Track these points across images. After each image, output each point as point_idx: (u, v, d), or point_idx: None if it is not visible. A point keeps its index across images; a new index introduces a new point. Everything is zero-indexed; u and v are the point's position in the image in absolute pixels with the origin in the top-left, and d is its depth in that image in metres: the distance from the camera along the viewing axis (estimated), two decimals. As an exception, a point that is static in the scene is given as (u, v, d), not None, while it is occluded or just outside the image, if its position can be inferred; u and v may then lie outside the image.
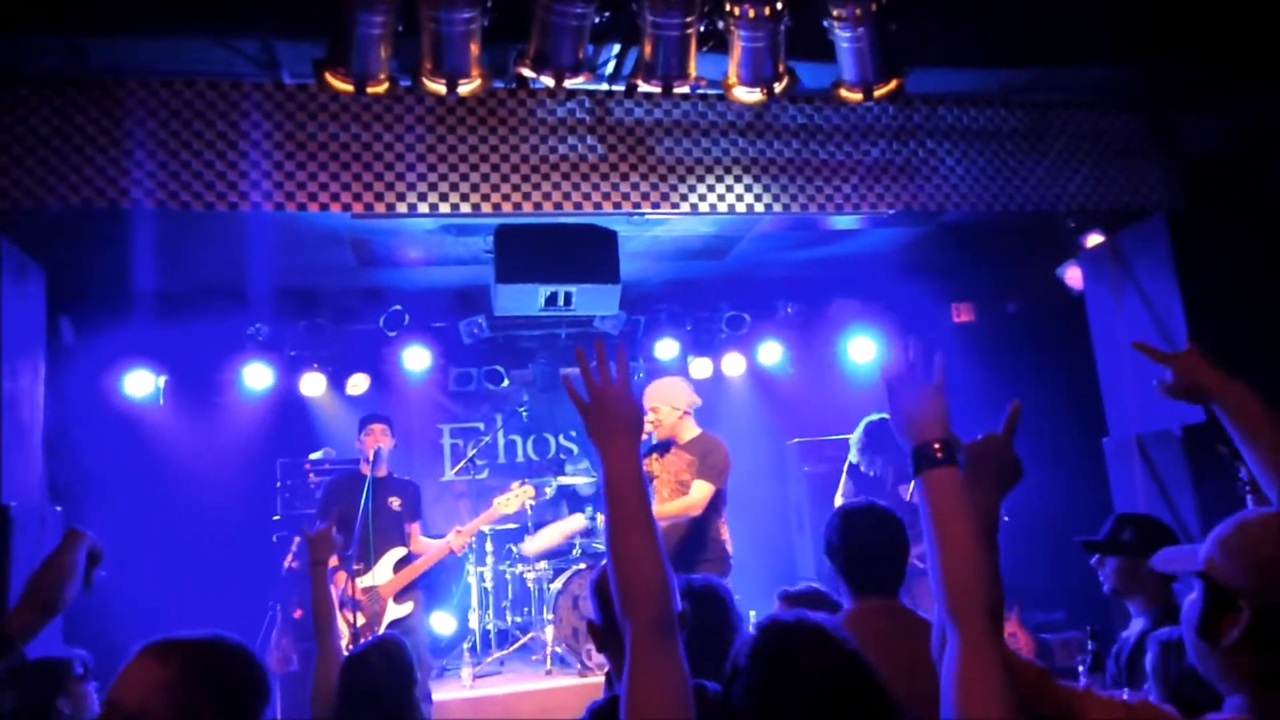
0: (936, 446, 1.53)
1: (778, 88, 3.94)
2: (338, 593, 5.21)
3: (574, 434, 8.56)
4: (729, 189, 4.49)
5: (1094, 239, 5.57)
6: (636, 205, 4.41)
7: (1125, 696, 2.71)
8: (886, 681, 1.33)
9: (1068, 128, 4.99)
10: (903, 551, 2.52)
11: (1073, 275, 6.06)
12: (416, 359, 7.41)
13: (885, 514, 2.56)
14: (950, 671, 1.36)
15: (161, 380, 7.17)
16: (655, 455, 5.12)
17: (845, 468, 5.89)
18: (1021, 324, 7.81)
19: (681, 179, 4.45)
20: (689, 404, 5.18)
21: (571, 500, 7.79)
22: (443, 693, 5.76)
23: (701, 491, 4.91)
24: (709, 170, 4.50)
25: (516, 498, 5.81)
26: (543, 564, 6.81)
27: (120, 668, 1.58)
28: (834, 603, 2.94)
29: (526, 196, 4.29)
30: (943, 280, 7.72)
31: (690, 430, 5.14)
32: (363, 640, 5.04)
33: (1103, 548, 3.03)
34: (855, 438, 5.80)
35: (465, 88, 3.78)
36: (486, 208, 4.23)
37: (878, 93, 3.94)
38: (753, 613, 6.35)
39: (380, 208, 4.13)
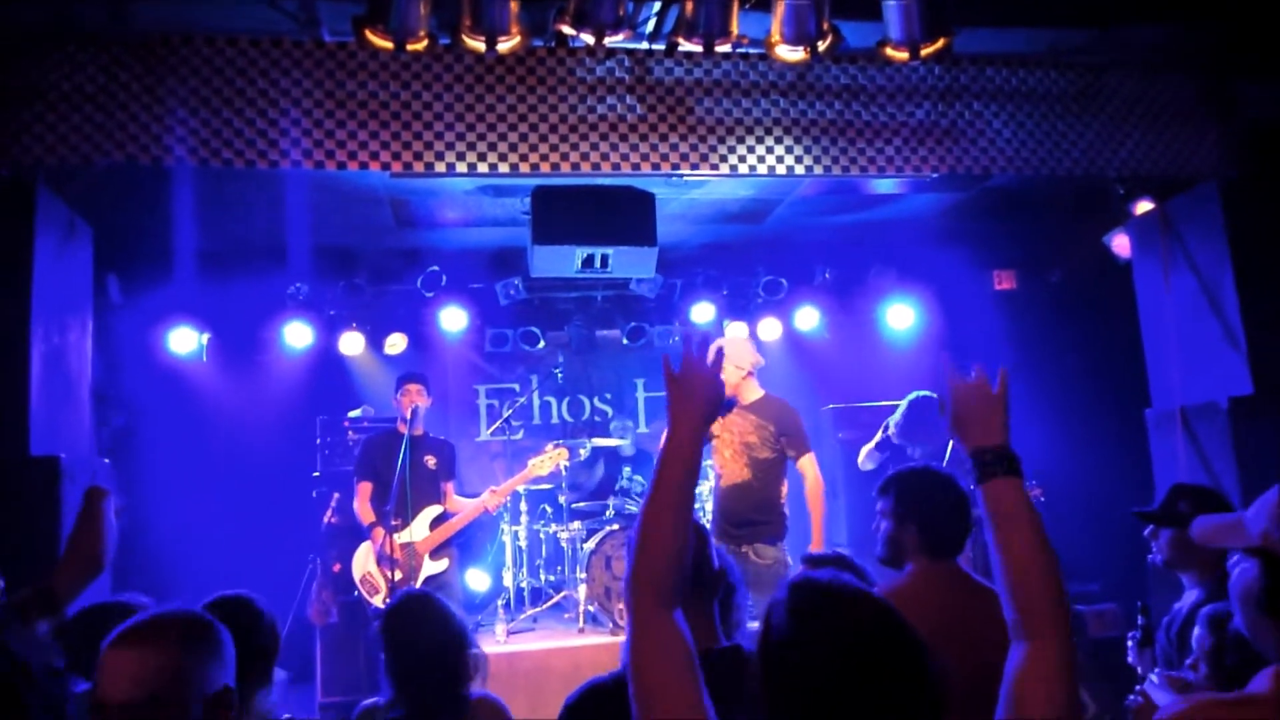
0: (995, 451, 1.53)
1: (821, 46, 3.86)
2: (376, 549, 5.31)
3: (608, 396, 8.59)
4: (769, 150, 4.43)
5: (1143, 206, 5.43)
6: (675, 166, 4.37)
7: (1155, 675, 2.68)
8: (926, 641, 1.33)
9: (1120, 91, 4.84)
10: (968, 513, 2.50)
11: (1120, 243, 5.93)
12: (453, 319, 7.46)
13: (948, 476, 2.54)
14: (1011, 674, 1.37)
15: (205, 338, 7.29)
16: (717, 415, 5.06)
17: (881, 429, 5.85)
18: (1064, 293, 7.68)
19: (721, 140, 4.39)
20: (754, 364, 5.14)
21: (610, 460, 7.84)
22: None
23: (814, 465, 5.05)
24: (749, 131, 4.44)
25: (551, 459, 5.84)
26: (576, 524, 6.88)
27: (104, 666, 1.50)
28: (858, 568, 2.94)
29: (564, 156, 4.26)
30: (984, 247, 7.59)
31: (754, 391, 5.11)
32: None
33: (1157, 518, 2.96)
34: (898, 413, 5.75)
35: (504, 45, 3.75)
36: (524, 167, 4.21)
37: (924, 51, 3.84)
38: (784, 577, 6.38)
39: (419, 166, 4.13)
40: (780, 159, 4.44)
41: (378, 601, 5.33)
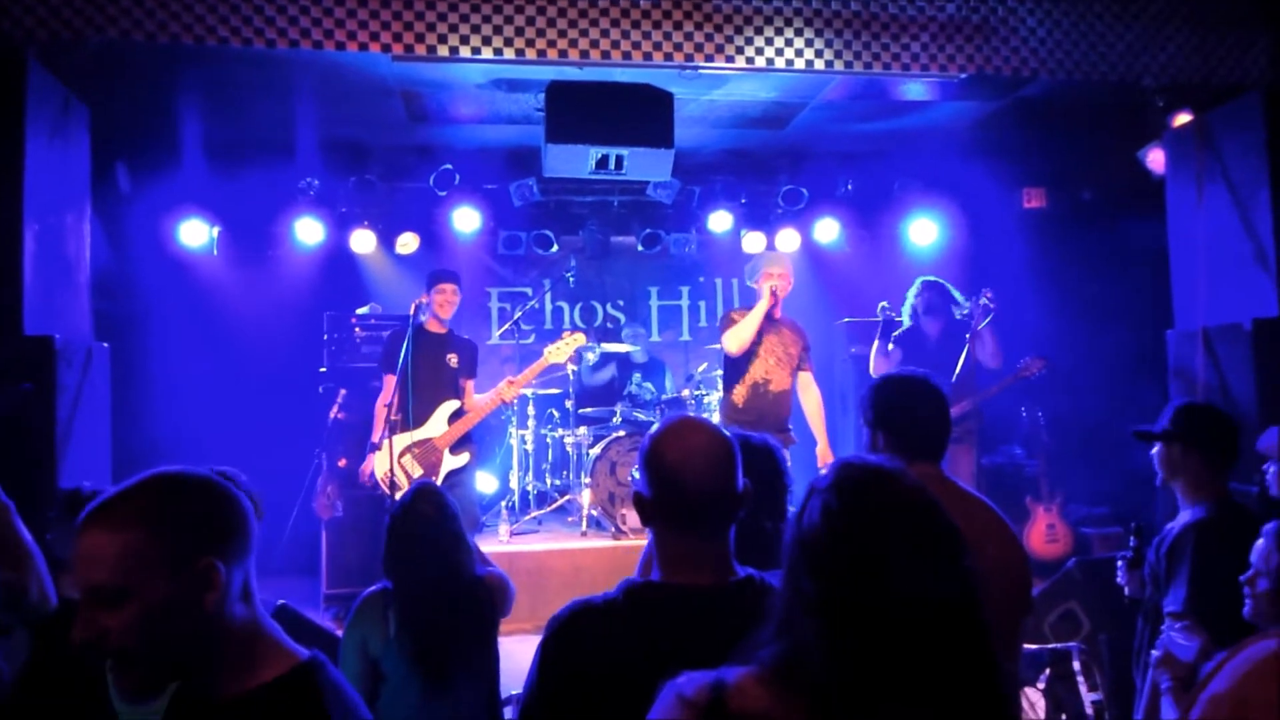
0: None
1: (847, -70, 3.64)
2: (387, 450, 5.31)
3: (621, 303, 8.50)
4: (788, 43, 4.21)
5: (1181, 118, 5.18)
6: (690, 57, 4.17)
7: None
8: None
9: (1165, -10, 4.56)
10: (947, 416, 2.41)
11: (1154, 158, 5.70)
12: (466, 220, 7.35)
13: (923, 379, 2.44)
14: None
15: (215, 231, 7.23)
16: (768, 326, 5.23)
17: (880, 326, 5.88)
18: (1095, 212, 7.43)
19: (739, 30, 4.18)
20: None
21: (621, 365, 7.78)
22: (480, 547, 5.91)
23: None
24: (768, 22, 4.21)
25: (568, 345, 5.67)
26: (583, 429, 6.87)
27: (77, 548, 1.38)
28: None
29: (573, 43, 4.07)
30: (1014, 162, 7.34)
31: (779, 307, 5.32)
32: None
33: (1158, 437, 2.89)
34: (912, 293, 5.81)
35: (511, -80, 3.55)
36: (531, 53, 4.03)
37: (957, -62, 3.61)
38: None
39: (421, 49, 3.96)
40: (800, 52, 4.23)
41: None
